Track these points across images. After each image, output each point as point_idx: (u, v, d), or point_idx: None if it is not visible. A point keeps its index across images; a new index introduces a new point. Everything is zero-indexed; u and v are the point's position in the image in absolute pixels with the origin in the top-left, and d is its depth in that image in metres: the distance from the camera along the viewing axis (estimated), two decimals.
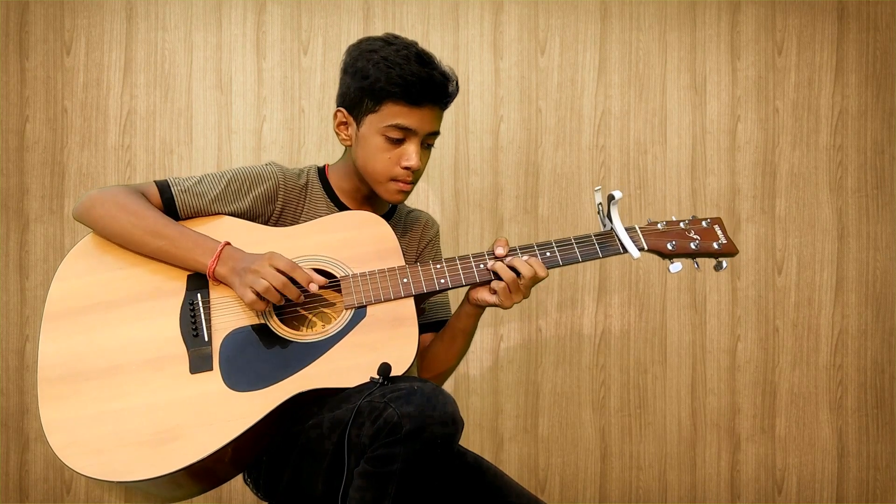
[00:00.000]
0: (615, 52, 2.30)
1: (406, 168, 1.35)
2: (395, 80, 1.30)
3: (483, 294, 1.34)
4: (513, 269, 1.29)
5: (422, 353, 1.47)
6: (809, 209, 2.32)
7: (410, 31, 2.26)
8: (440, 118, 1.39)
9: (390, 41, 1.36)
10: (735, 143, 2.31)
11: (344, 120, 1.40)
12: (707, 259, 1.37)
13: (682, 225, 1.37)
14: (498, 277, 1.30)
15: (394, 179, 1.37)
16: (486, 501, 1.35)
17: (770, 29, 2.32)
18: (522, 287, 1.30)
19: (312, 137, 2.26)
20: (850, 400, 2.32)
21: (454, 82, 1.37)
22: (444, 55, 2.27)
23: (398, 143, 1.34)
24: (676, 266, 1.32)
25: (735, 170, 2.31)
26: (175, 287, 1.31)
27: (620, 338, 2.29)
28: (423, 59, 1.34)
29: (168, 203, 1.35)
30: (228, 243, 1.30)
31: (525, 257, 1.31)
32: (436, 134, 1.39)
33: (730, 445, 2.31)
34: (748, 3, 2.32)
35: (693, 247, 1.34)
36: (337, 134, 1.42)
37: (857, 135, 2.32)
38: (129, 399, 1.21)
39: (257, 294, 1.25)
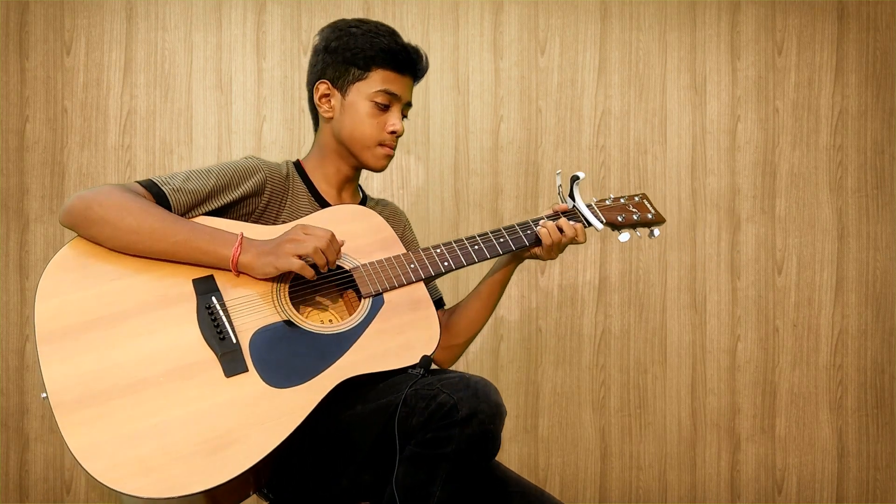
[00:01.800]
0: (615, 52, 2.30)
1: (392, 133, 1.45)
2: (385, 48, 1.43)
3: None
4: (560, 229, 1.42)
5: (453, 321, 1.54)
6: (809, 209, 2.32)
7: (410, 31, 2.26)
8: (413, 90, 1.52)
9: (364, 21, 1.48)
10: (735, 143, 2.31)
11: (327, 92, 1.46)
12: (643, 229, 1.56)
13: (622, 200, 1.54)
14: (534, 244, 1.43)
15: (381, 144, 1.46)
16: (486, 491, 1.35)
17: (770, 29, 2.32)
18: (562, 246, 1.44)
19: (312, 137, 2.25)
20: (850, 400, 2.32)
21: (425, 57, 1.51)
22: (444, 55, 2.27)
23: (384, 109, 1.45)
24: (625, 236, 1.49)
25: (735, 170, 2.31)
26: (182, 293, 1.26)
27: (620, 338, 2.29)
28: (399, 37, 1.48)
29: (161, 203, 1.30)
30: (242, 233, 1.29)
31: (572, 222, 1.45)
32: (410, 105, 1.51)
33: (730, 445, 2.31)
34: (748, 3, 2.32)
35: (635, 218, 1.53)
36: (318, 107, 1.48)
37: (857, 135, 2.32)
38: (166, 412, 1.15)
39: (301, 258, 1.25)
